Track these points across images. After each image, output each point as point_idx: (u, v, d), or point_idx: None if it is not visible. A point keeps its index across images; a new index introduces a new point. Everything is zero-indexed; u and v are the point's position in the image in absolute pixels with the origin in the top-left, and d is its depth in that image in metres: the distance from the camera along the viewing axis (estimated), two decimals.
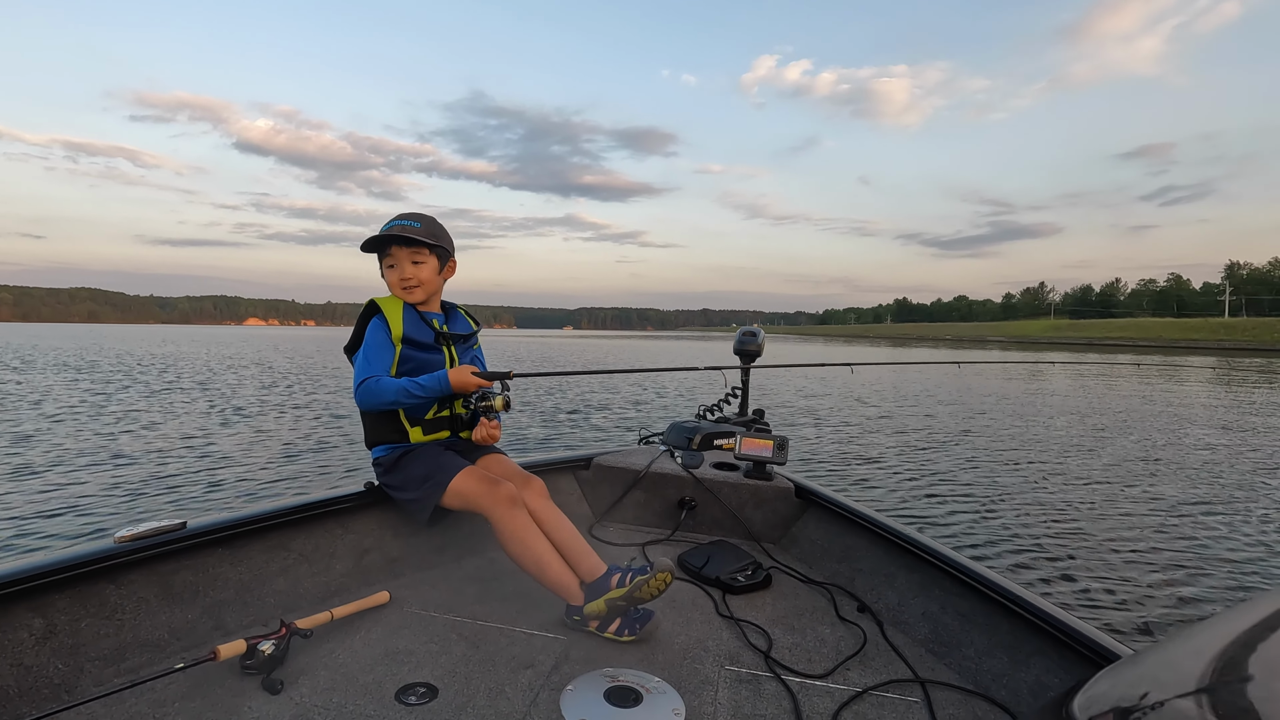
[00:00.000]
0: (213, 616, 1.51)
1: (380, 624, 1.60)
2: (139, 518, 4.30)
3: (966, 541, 4.16)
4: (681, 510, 2.28)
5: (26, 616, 1.28)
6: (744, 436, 2.28)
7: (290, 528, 1.72)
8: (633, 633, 1.57)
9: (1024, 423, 9.86)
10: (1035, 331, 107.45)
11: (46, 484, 5.27)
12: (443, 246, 1.82)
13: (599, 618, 1.58)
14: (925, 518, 4.75)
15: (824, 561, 2.05)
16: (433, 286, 1.84)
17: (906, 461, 6.75)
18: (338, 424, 8.75)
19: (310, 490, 4.66)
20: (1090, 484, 5.87)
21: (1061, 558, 3.86)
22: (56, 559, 1.33)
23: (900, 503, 5.17)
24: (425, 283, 1.80)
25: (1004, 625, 1.51)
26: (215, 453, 6.71)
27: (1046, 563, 3.77)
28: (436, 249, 1.80)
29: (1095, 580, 3.52)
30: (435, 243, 1.79)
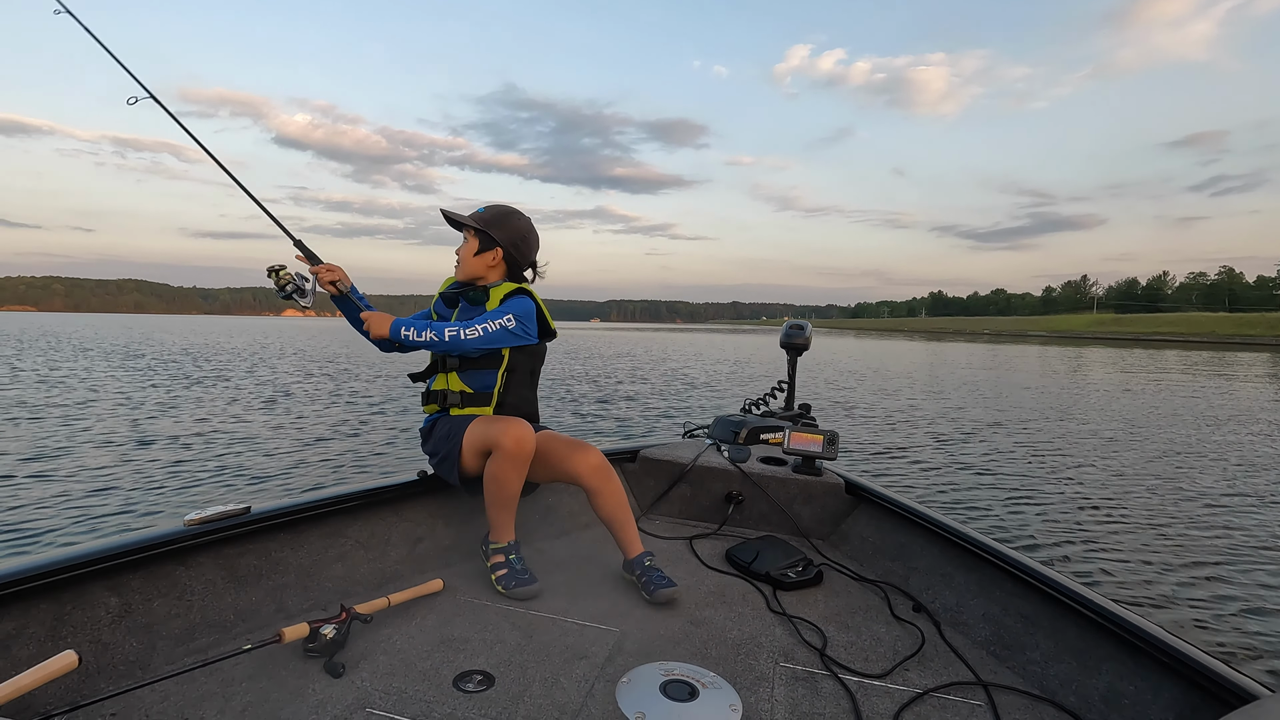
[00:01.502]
0: (275, 600, 1.55)
1: (435, 611, 1.62)
2: (205, 502, 4.45)
3: (1023, 541, 4.05)
4: (729, 505, 2.26)
5: (104, 595, 1.33)
6: (792, 431, 2.24)
7: (347, 515, 1.75)
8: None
9: (1075, 418, 9.57)
10: (1078, 326, 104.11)
11: (117, 466, 5.49)
12: (486, 232, 1.84)
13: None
14: (978, 515, 4.63)
15: (876, 559, 2.01)
16: (469, 267, 1.87)
17: (953, 457, 6.60)
18: (386, 413, 8.91)
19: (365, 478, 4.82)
20: (1152, 482, 5.67)
21: (1125, 559, 3.72)
22: (131, 540, 1.38)
23: (951, 499, 5.05)
24: (463, 261, 1.88)
25: (1071, 629, 1.45)
26: (271, 438, 6.93)
27: (1111, 564, 3.64)
28: (480, 234, 1.85)
29: (1163, 583, 3.39)
30: (477, 226, 1.84)
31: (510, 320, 1.76)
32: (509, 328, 1.76)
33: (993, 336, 79.84)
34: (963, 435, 8.01)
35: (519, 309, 1.80)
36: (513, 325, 1.77)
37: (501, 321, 1.75)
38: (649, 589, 1.71)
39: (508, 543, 1.78)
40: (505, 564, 1.75)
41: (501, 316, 1.76)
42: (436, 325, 1.76)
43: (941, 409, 10.54)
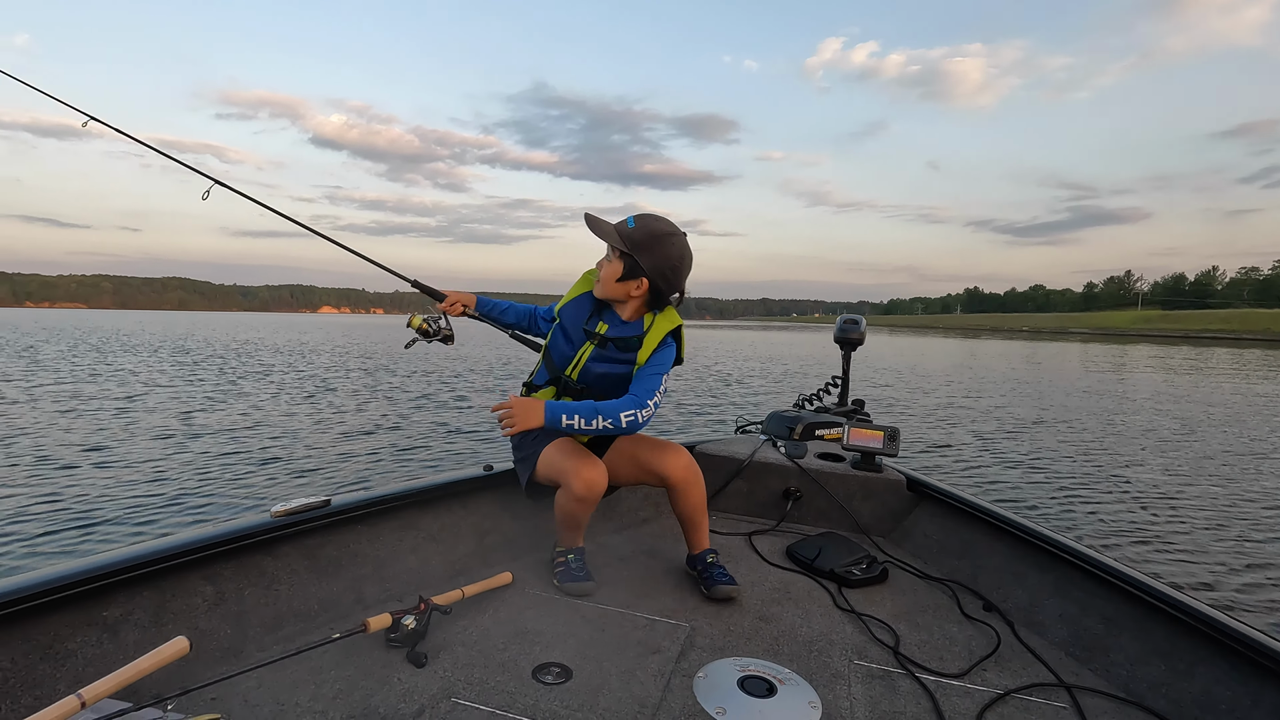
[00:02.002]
0: (354, 590, 1.59)
1: (506, 604, 1.64)
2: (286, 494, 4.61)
3: (1091, 538, 3.94)
4: (787, 501, 2.25)
5: (200, 583, 1.38)
6: (852, 427, 2.22)
7: (418, 508, 1.79)
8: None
9: (1127, 416, 9.27)
10: (1122, 323, 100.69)
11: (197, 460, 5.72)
12: (631, 256, 1.63)
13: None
14: (1035, 513, 4.52)
15: (941, 557, 1.98)
16: (609, 290, 1.69)
17: (1001, 454, 6.48)
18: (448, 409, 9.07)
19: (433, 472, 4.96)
20: (1212, 482, 5.47)
21: (1191, 559, 3.59)
22: (223, 531, 1.43)
23: (1007, 496, 4.94)
24: (604, 281, 1.70)
25: (1159, 630, 1.41)
26: (343, 433, 7.14)
27: (1176, 564, 3.52)
28: (625, 257, 1.64)
29: (1232, 583, 3.27)
30: (623, 248, 1.64)
31: (666, 382, 1.68)
32: (664, 388, 1.69)
33: (1032, 334, 77.75)
34: (1009, 432, 7.83)
35: (668, 364, 1.70)
36: (665, 387, 1.69)
37: (664, 386, 1.67)
38: (708, 584, 1.72)
39: (571, 548, 1.80)
40: (564, 564, 1.78)
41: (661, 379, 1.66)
42: (608, 410, 1.61)
43: (986, 406, 10.30)
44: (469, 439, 6.96)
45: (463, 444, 6.69)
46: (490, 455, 6.14)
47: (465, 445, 6.64)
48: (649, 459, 1.76)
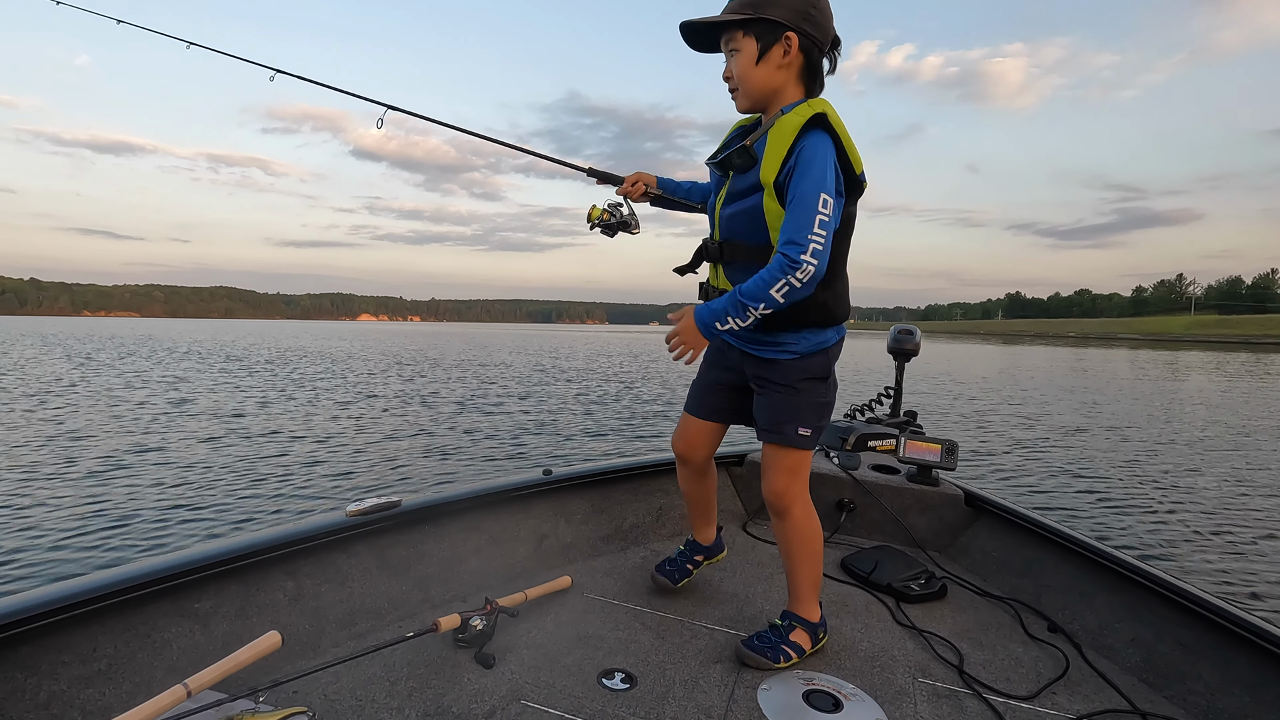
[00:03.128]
0: (422, 589, 1.64)
1: (566, 608, 1.67)
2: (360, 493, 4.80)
3: (1157, 558, 3.80)
4: (840, 512, 2.23)
5: (282, 579, 1.45)
6: (907, 439, 2.19)
7: (481, 510, 1.83)
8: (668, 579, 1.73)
9: (1189, 428, 8.88)
10: (1175, 328, 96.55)
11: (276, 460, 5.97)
12: (761, 18, 1.22)
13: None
14: (1103, 527, 4.37)
15: (1002, 575, 1.93)
16: (755, 85, 1.28)
17: (1056, 465, 6.26)
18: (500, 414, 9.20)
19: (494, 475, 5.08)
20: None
21: (1267, 584, 3.42)
22: (303, 529, 1.49)
23: (1068, 503, 4.78)
24: (743, 82, 1.29)
25: (1242, 659, 1.36)
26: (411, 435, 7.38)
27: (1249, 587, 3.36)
28: (754, 24, 1.23)
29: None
30: (744, 15, 1.23)
31: (828, 206, 1.17)
32: (829, 216, 1.17)
33: (1078, 339, 75.12)
34: (1062, 442, 7.59)
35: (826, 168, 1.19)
36: (831, 211, 1.18)
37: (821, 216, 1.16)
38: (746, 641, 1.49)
39: (689, 537, 1.80)
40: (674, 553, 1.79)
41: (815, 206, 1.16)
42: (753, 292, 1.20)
43: (1035, 414, 10.00)
44: (533, 439, 7.11)
45: (520, 449, 6.84)
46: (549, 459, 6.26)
47: (527, 447, 6.79)
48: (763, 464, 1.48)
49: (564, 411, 10.00)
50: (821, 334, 1.37)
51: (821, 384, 1.41)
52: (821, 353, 1.38)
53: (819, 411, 1.41)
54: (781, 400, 1.40)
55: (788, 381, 1.39)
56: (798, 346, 1.37)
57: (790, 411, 1.40)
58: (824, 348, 1.38)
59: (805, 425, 1.40)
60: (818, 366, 1.39)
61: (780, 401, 1.41)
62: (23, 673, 1.11)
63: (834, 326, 1.39)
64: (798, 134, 1.21)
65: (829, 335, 1.39)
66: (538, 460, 6.39)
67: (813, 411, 1.41)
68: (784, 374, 1.39)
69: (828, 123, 1.21)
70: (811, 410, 1.40)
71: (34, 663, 1.13)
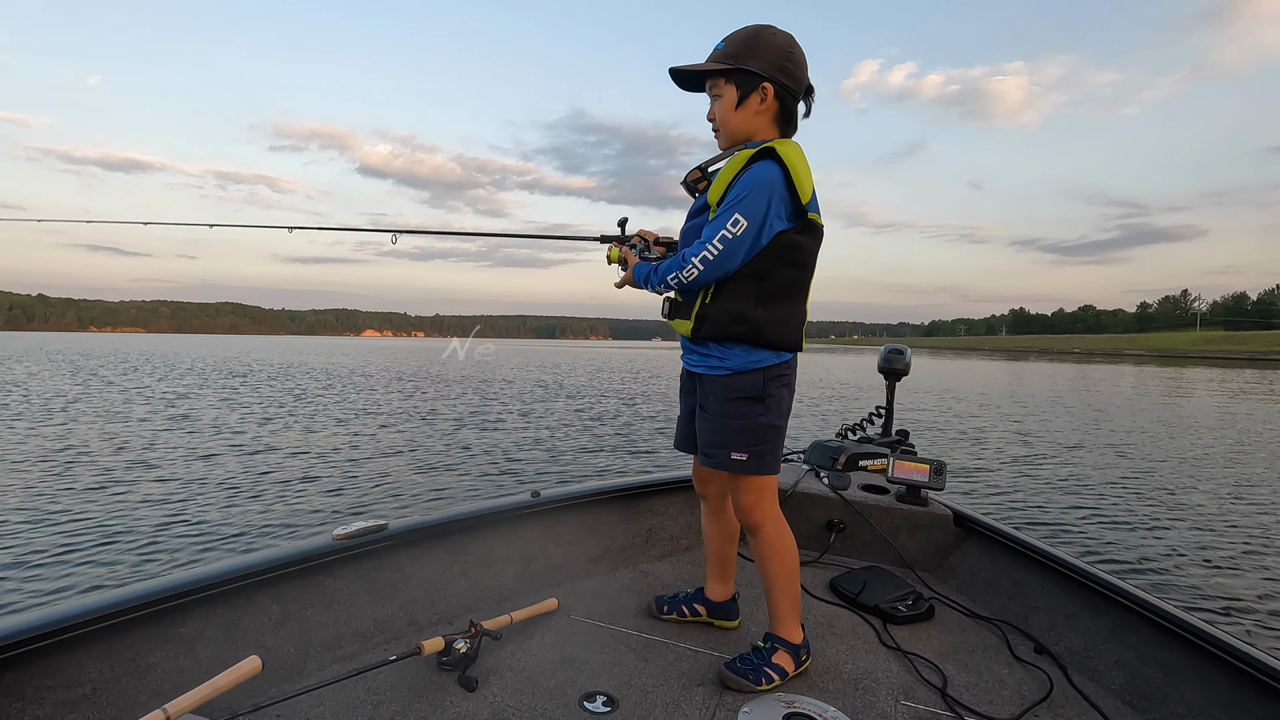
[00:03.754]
0: (408, 612, 1.65)
1: (552, 630, 1.67)
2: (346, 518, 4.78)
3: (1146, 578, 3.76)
4: (830, 533, 2.23)
5: (267, 603, 1.46)
6: (896, 460, 2.20)
7: (468, 533, 1.84)
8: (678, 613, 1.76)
9: (1193, 446, 8.83)
10: (1182, 344, 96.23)
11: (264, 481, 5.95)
12: (741, 69, 1.34)
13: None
14: (1093, 545, 4.34)
15: (990, 595, 1.93)
16: (734, 127, 1.40)
17: (1050, 484, 6.22)
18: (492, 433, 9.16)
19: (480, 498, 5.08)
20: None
21: (1259, 606, 3.40)
22: (289, 553, 1.51)
23: (1058, 519, 4.75)
24: (723, 124, 1.41)
25: (1222, 683, 1.36)
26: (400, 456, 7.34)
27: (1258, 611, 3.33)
28: (734, 74, 1.35)
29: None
30: (726, 65, 1.35)
31: (737, 224, 1.28)
32: (734, 234, 1.29)
33: (1084, 355, 74.92)
34: (1057, 460, 7.55)
35: (755, 190, 1.29)
36: (739, 231, 1.28)
37: (725, 231, 1.29)
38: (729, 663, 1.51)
39: (697, 590, 1.81)
40: (680, 592, 1.82)
41: (726, 222, 1.29)
42: (663, 269, 1.40)
43: (1033, 432, 9.96)
44: (521, 463, 7.05)
45: (513, 468, 6.79)
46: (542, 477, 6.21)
47: (515, 469, 6.74)
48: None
49: (561, 428, 10.01)
50: (755, 353, 1.40)
51: (756, 405, 1.41)
52: (754, 372, 1.40)
53: (755, 435, 1.42)
54: (715, 423, 1.45)
55: (720, 401, 1.44)
56: (729, 363, 1.41)
57: (721, 435, 1.44)
58: (757, 367, 1.40)
59: (739, 450, 1.42)
60: (749, 386, 1.41)
61: (714, 424, 1.45)
62: (8, 697, 1.12)
63: (771, 349, 1.40)
64: (745, 162, 1.32)
65: (764, 356, 1.40)
66: (531, 479, 6.37)
67: (747, 435, 1.42)
68: (717, 393, 1.44)
69: (775, 153, 1.31)
70: (745, 434, 1.42)
71: (19, 688, 1.14)
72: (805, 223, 1.36)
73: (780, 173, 1.30)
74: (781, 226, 1.33)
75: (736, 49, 1.35)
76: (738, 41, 1.36)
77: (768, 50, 1.34)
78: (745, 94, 1.36)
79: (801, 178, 1.32)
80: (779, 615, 1.51)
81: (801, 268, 1.39)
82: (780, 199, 1.31)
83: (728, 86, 1.37)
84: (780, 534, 1.51)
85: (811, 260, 1.41)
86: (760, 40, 1.35)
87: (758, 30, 1.36)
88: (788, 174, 1.30)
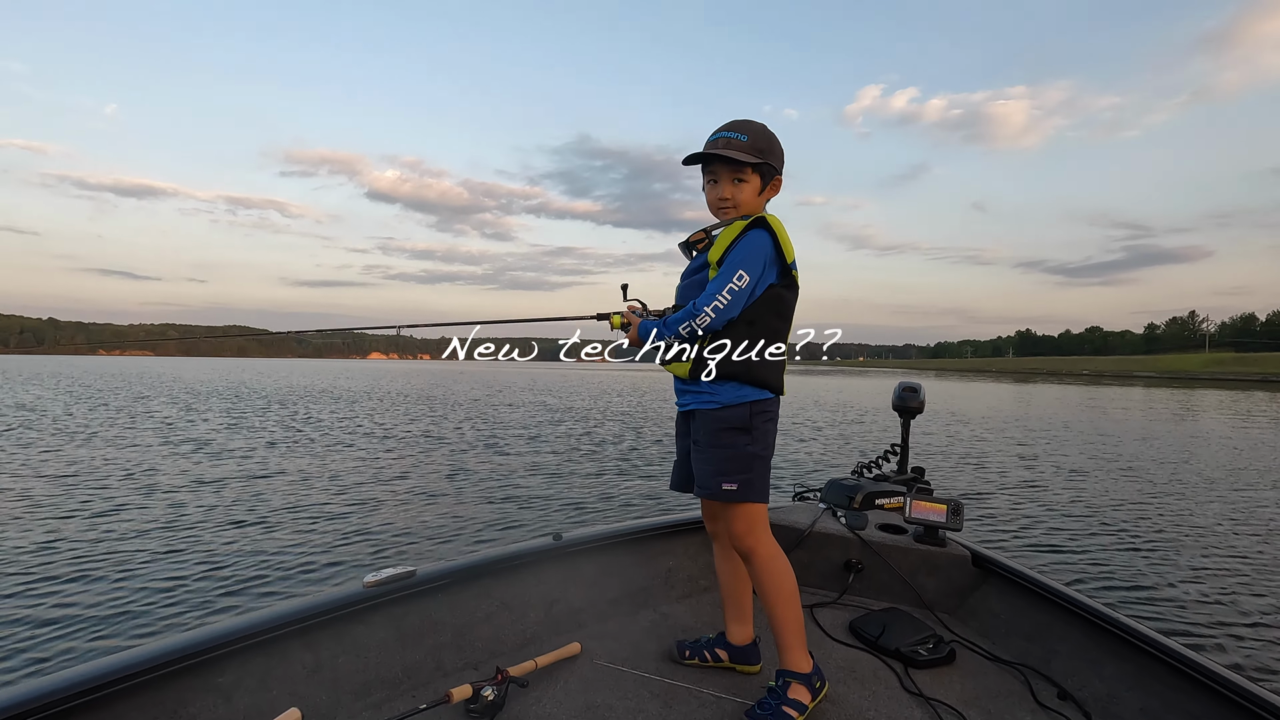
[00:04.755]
0: (434, 658, 1.67)
1: (575, 675, 1.69)
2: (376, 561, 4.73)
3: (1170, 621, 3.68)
4: (848, 573, 2.24)
5: (301, 651, 1.48)
6: (913, 498, 2.22)
7: (493, 577, 1.87)
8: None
9: (1215, 474, 8.72)
10: (1193, 366, 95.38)
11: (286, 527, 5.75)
12: (769, 164, 1.58)
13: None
14: (1117, 587, 4.24)
15: (1011, 639, 1.94)
16: (749, 208, 1.60)
17: (1079, 518, 6.08)
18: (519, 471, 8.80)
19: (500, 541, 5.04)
20: None
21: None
22: (322, 601, 1.54)
23: (1083, 569, 4.64)
24: (742, 205, 1.60)
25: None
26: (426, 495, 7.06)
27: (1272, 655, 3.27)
28: (761, 167, 1.58)
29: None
30: (760, 159, 1.57)
31: (742, 280, 1.48)
32: (739, 288, 1.48)
33: (1093, 377, 74.34)
34: (1075, 492, 7.48)
35: (754, 252, 1.50)
36: (744, 284, 1.48)
37: (733, 285, 1.48)
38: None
39: (719, 634, 1.84)
40: (702, 637, 1.85)
41: (733, 278, 1.48)
42: (673, 320, 1.55)
43: (1046, 458, 9.89)
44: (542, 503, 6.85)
45: (537, 508, 6.59)
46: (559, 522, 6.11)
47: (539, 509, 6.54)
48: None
49: (573, 460, 9.98)
50: (742, 389, 1.55)
51: (743, 435, 1.55)
52: (741, 406, 1.55)
53: (742, 464, 1.54)
54: (706, 455, 1.58)
55: (709, 433, 1.57)
56: (718, 397, 1.56)
57: (713, 464, 1.56)
58: (744, 401, 1.55)
59: (729, 479, 1.54)
60: (736, 418, 1.55)
61: (705, 456, 1.58)
62: None
63: (756, 386, 1.56)
64: (742, 230, 1.54)
65: (750, 392, 1.55)
66: (548, 515, 6.29)
67: (735, 463, 1.55)
68: (706, 426, 1.58)
69: (767, 223, 1.54)
70: (733, 462, 1.55)
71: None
72: (789, 279, 1.57)
73: (771, 240, 1.53)
74: (772, 281, 1.54)
75: (762, 144, 1.58)
76: (761, 137, 1.58)
77: (778, 148, 1.62)
78: (766, 183, 1.61)
79: (786, 243, 1.55)
80: (783, 643, 1.58)
81: (785, 318, 1.59)
82: (771, 261, 1.53)
83: (754, 175, 1.59)
84: (773, 559, 1.59)
85: (791, 312, 1.61)
86: (773, 139, 1.61)
87: (768, 130, 1.61)
88: (777, 240, 1.53)
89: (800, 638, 1.57)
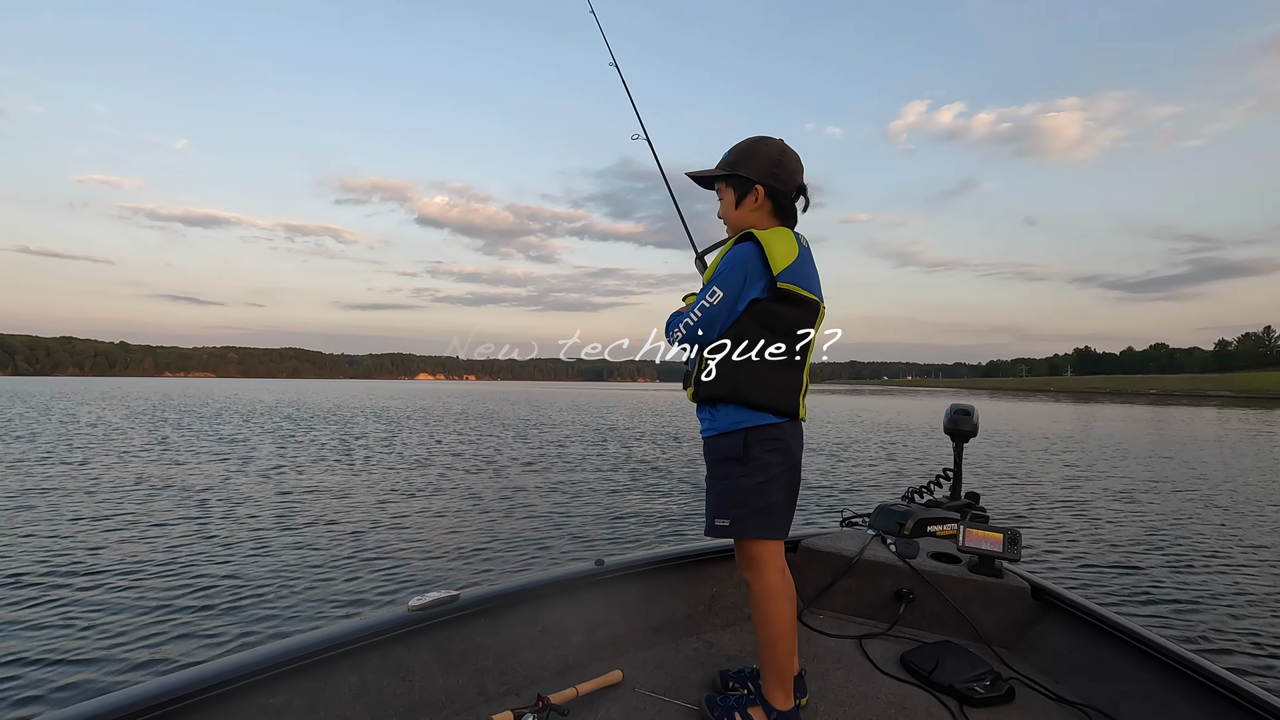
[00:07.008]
0: (477, 683, 1.67)
1: (617, 704, 1.67)
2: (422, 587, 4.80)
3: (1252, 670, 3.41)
4: (899, 603, 2.16)
5: (347, 673, 1.51)
6: (967, 526, 2.13)
7: (536, 602, 1.87)
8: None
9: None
10: (1272, 384, 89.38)
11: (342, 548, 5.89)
12: (738, 174, 1.55)
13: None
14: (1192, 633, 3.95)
15: (1073, 677, 1.82)
16: (732, 221, 1.61)
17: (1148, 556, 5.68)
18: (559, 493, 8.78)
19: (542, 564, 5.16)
20: None
21: None
22: (368, 624, 1.56)
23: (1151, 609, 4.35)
24: (730, 220, 1.62)
25: None
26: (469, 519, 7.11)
27: None
28: (730, 179, 1.57)
29: None
30: (728, 171, 1.56)
31: (714, 295, 1.45)
32: (711, 304, 1.46)
33: (1160, 397, 70.40)
34: (1143, 520, 7.06)
35: (728, 267, 1.46)
36: (716, 301, 1.45)
37: (704, 302, 1.46)
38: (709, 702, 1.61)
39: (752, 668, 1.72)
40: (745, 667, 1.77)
41: (706, 294, 1.47)
42: (668, 320, 1.58)
43: (1110, 483, 9.38)
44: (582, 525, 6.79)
45: (578, 531, 6.52)
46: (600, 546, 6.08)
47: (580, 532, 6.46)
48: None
49: (616, 475, 9.96)
50: (737, 413, 1.49)
51: (738, 466, 1.49)
52: (736, 433, 1.49)
53: (737, 497, 1.49)
54: (706, 486, 1.58)
55: (708, 464, 1.57)
56: (715, 424, 1.53)
57: (708, 498, 1.56)
58: (739, 428, 1.49)
59: (720, 515, 1.51)
60: (730, 447, 1.50)
61: (706, 487, 1.58)
62: None
63: (752, 408, 1.48)
64: (730, 245, 1.52)
65: (745, 416, 1.49)
66: (589, 539, 6.27)
67: (729, 498, 1.50)
68: (706, 455, 1.58)
69: (754, 236, 1.48)
70: (727, 496, 1.51)
71: None
72: (779, 293, 1.47)
73: (755, 250, 1.46)
74: (756, 295, 1.47)
75: (735, 158, 1.57)
76: (737, 151, 1.58)
77: (759, 158, 1.55)
78: (741, 195, 1.57)
79: (775, 254, 1.46)
80: (764, 676, 1.54)
81: (785, 335, 1.49)
82: (755, 274, 1.46)
83: (727, 189, 1.60)
84: (768, 598, 1.52)
85: (795, 328, 1.50)
86: (754, 150, 1.56)
87: (753, 142, 1.57)
88: (762, 251, 1.45)
89: (780, 678, 1.51)
